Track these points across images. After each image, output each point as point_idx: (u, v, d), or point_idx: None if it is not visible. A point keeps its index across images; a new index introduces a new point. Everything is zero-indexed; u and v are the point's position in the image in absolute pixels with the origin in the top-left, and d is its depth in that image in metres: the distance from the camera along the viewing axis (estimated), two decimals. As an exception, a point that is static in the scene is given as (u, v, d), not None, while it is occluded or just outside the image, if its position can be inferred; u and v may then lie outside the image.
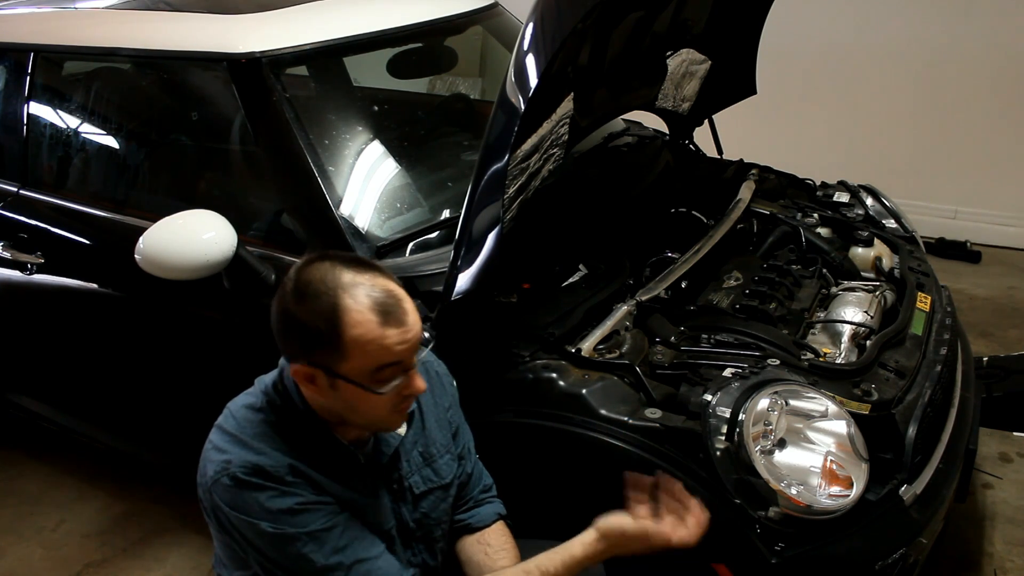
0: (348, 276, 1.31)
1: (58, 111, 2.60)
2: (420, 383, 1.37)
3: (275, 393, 1.43)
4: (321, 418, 1.42)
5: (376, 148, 2.26)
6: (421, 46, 2.74)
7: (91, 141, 2.57)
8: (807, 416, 1.64)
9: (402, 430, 1.52)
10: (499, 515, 1.65)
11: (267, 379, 1.47)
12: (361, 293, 1.30)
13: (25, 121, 2.55)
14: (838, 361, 1.94)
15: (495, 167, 1.61)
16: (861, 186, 2.80)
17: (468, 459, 1.65)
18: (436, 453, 1.57)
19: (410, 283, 1.84)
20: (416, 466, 1.55)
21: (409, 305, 1.33)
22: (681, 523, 1.37)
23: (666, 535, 1.35)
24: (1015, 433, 2.86)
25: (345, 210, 2.02)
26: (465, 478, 1.64)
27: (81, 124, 2.58)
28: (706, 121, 2.94)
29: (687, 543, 1.35)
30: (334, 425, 1.43)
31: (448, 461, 1.59)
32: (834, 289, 2.26)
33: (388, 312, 1.30)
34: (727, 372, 1.76)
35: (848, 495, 1.57)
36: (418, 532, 1.57)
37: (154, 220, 1.94)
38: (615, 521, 1.38)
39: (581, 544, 1.40)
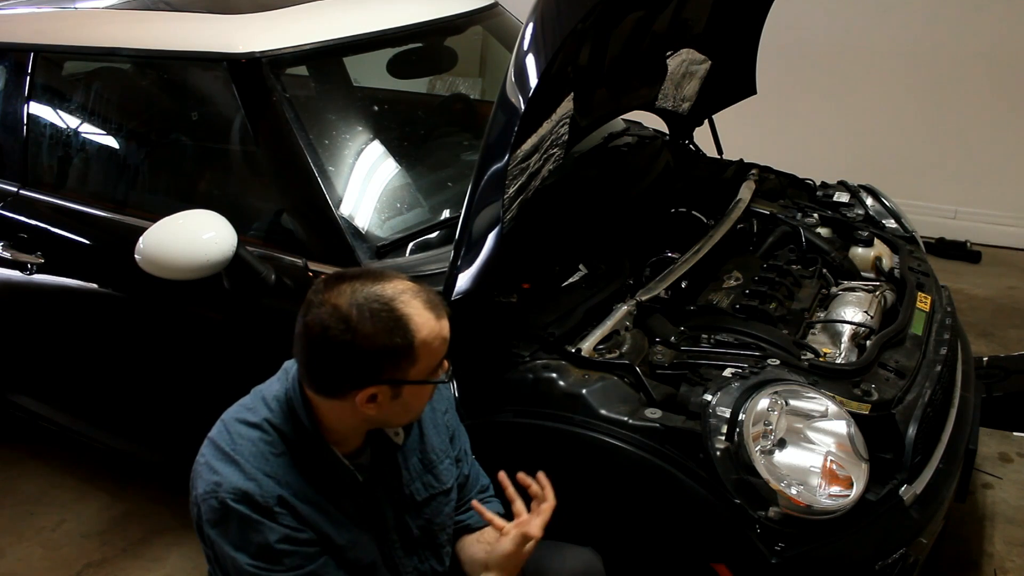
0: (387, 288, 1.33)
1: (58, 111, 2.60)
2: (447, 363, 1.43)
3: (278, 410, 1.41)
4: (324, 438, 1.41)
5: (376, 148, 2.26)
6: (421, 46, 2.74)
7: (91, 141, 2.57)
8: (807, 416, 1.64)
9: (399, 438, 1.52)
10: (497, 514, 1.65)
11: (266, 393, 1.44)
12: (410, 297, 1.33)
13: (25, 121, 2.55)
14: (838, 361, 1.94)
15: (495, 167, 1.61)
16: (861, 186, 2.80)
17: (465, 461, 1.66)
18: (435, 459, 1.57)
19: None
20: (416, 473, 1.55)
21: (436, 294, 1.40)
22: (535, 513, 1.44)
23: (526, 532, 1.42)
24: (1015, 433, 2.85)
25: (345, 210, 2.02)
26: (462, 479, 1.64)
27: (81, 124, 2.57)
28: (706, 121, 2.94)
29: (539, 530, 1.43)
30: (335, 440, 1.42)
31: (448, 466, 1.59)
32: (834, 289, 2.26)
33: (436, 306, 1.36)
34: (727, 372, 1.76)
35: (848, 495, 1.57)
36: (423, 539, 1.57)
37: (154, 220, 1.94)
38: (495, 551, 1.46)
39: None
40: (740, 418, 1.61)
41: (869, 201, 2.72)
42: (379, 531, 1.51)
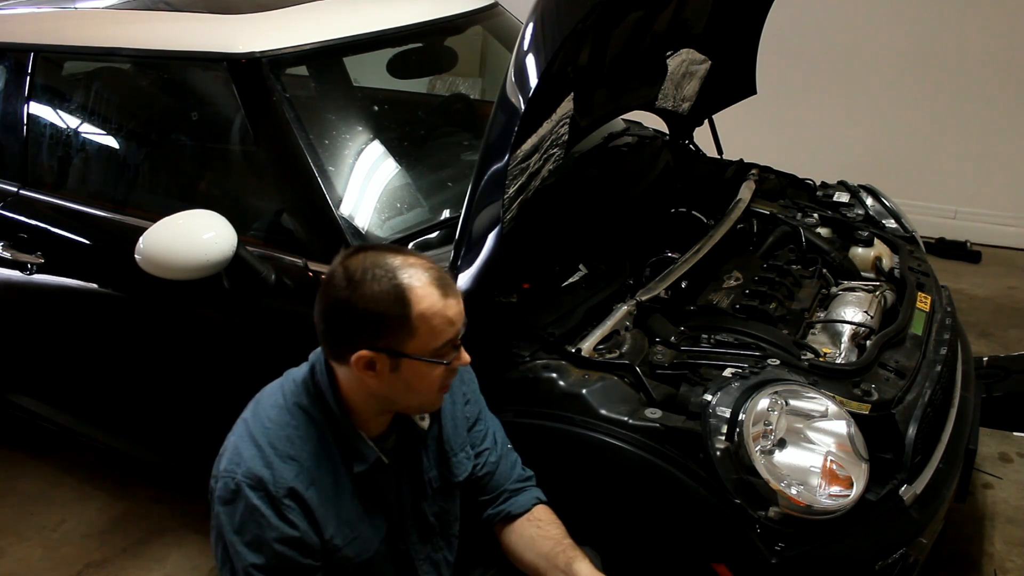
0: (397, 259, 1.35)
1: (58, 111, 2.60)
2: (466, 355, 1.42)
3: (304, 391, 1.45)
4: (349, 418, 1.43)
5: (376, 148, 2.26)
6: (421, 46, 2.74)
7: (91, 141, 2.57)
8: (807, 416, 1.64)
9: (425, 423, 1.54)
10: (539, 499, 1.65)
11: (296, 375, 1.48)
12: (418, 270, 1.34)
13: (25, 121, 2.55)
14: (838, 361, 1.94)
15: (495, 167, 1.61)
16: (861, 186, 2.80)
17: (493, 449, 1.65)
18: (449, 451, 1.59)
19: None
20: (435, 461, 1.57)
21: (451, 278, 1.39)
22: None
23: None
24: (1015, 433, 2.85)
25: (345, 210, 2.02)
26: (491, 467, 1.64)
27: (81, 124, 2.57)
28: (706, 121, 2.94)
29: None
30: (361, 422, 1.45)
31: (462, 459, 1.60)
32: (834, 289, 2.25)
33: (446, 285, 1.36)
34: (727, 372, 1.76)
35: (848, 495, 1.57)
36: (438, 527, 1.59)
37: (154, 220, 1.94)
38: None
39: None
40: (740, 418, 1.61)
41: (869, 201, 2.72)
42: (396, 517, 1.53)
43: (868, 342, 1.98)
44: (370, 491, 1.48)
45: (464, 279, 1.69)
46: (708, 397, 1.68)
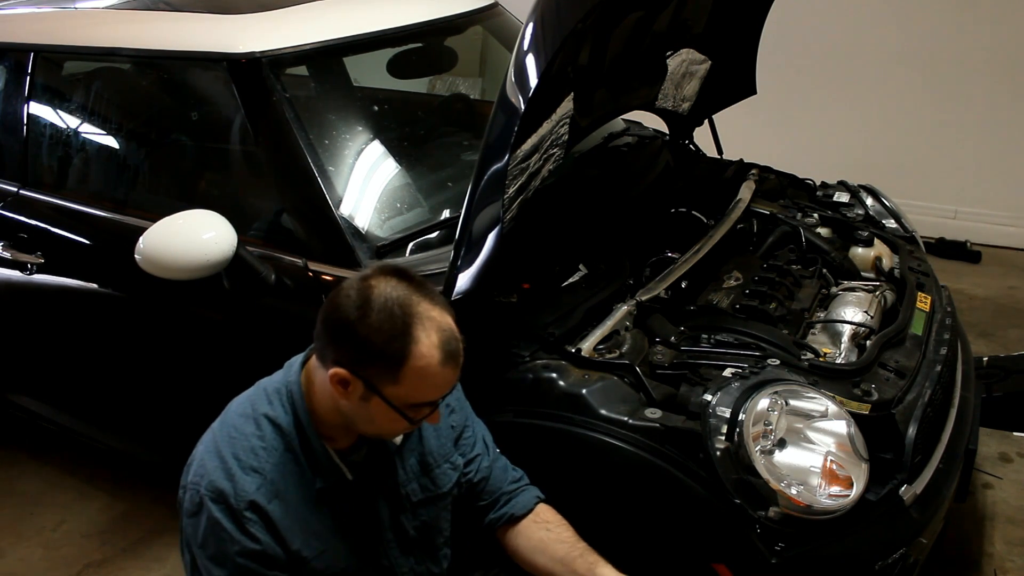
0: (423, 305, 1.30)
1: (58, 111, 2.60)
2: (439, 416, 1.40)
3: (277, 403, 1.42)
4: (317, 431, 1.41)
5: (376, 148, 2.26)
6: (421, 46, 2.74)
7: (91, 141, 2.57)
8: (807, 416, 1.64)
9: (398, 439, 1.52)
10: (538, 498, 1.64)
11: (268, 386, 1.46)
12: (433, 328, 1.30)
13: (25, 121, 2.55)
14: (838, 361, 1.94)
15: (495, 167, 1.61)
16: (861, 186, 2.80)
17: (485, 454, 1.64)
18: (433, 463, 1.57)
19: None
20: (413, 474, 1.54)
21: (462, 347, 1.34)
22: None
23: None
24: (1015, 433, 2.85)
25: (345, 210, 2.02)
26: (485, 472, 1.63)
27: (81, 124, 2.58)
28: (706, 121, 2.94)
29: None
30: (329, 432, 1.42)
31: (446, 470, 1.58)
32: (834, 289, 2.25)
33: (452, 354, 1.32)
34: (727, 372, 1.76)
35: (848, 495, 1.57)
36: (419, 540, 1.56)
37: (154, 220, 1.94)
38: None
39: None
40: (740, 418, 1.61)
41: (869, 201, 2.72)
42: (373, 531, 1.50)
43: (868, 342, 1.98)
44: (338, 506, 1.45)
45: (464, 279, 1.69)
46: (708, 397, 1.68)
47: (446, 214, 2.15)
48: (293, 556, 1.40)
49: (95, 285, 2.42)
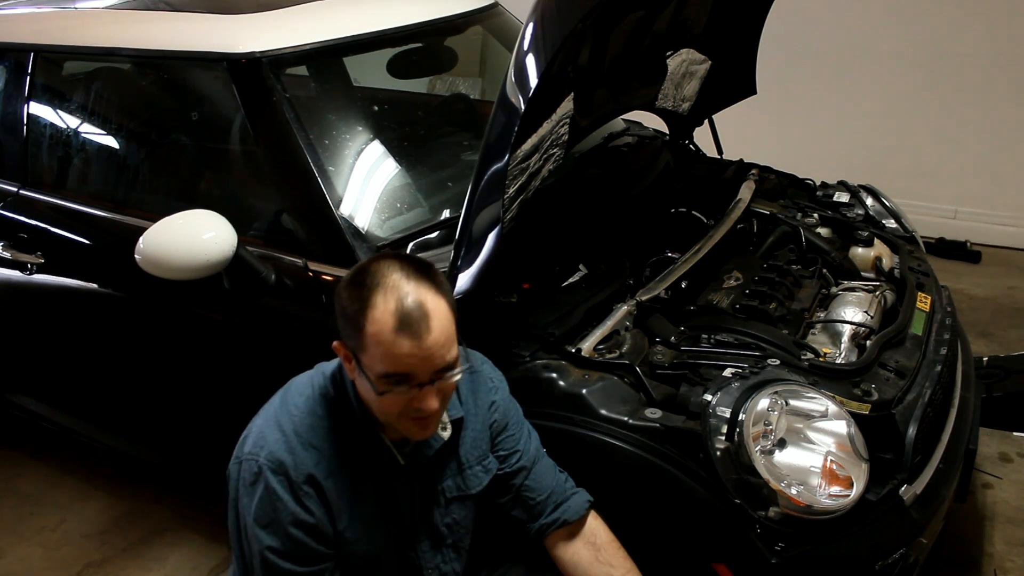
0: (396, 276, 1.33)
1: (58, 111, 2.60)
2: (430, 403, 1.36)
3: (331, 383, 1.47)
4: (370, 415, 1.44)
5: (376, 148, 2.26)
6: (421, 46, 2.74)
7: (91, 141, 2.57)
8: (807, 416, 1.64)
9: (445, 434, 1.54)
10: (589, 502, 1.65)
11: (326, 368, 1.51)
12: (393, 296, 1.31)
13: (25, 121, 2.55)
14: (838, 361, 1.94)
15: (495, 167, 1.61)
16: (861, 186, 2.80)
17: (525, 453, 1.63)
18: (466, 463, 1.59)
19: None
20: (451, 471, 1.57)
21: (437, 324, 1.32)
22: None
23: None
24: (1015, 433, 2.85)
25: (345, 210, 2.02)
26: (524, 474, 1.62)
27: (81, 124, 2.57)
28: (706, 121, 2.94)
29: None
30: (380, 426, 1.46)
31: (478, 472, 1.60)
32: (834, 289, 2.25)
33: (408, 323, 1.30)
34: (727, 372, 1.76)
35: (848, 495, 1.57)
36: (448, 538, 1.58)
37: (154, 220, 1.94)
38: None
39: None
40: (740, 418, 1.61)
41: (869, 201, 2.72)
42: (406, 523, 1.53)
43: (868, 342, 1.98)
44: (386, 493, 1.49)
45: (464, 279, 1.69)
46: (708, 397, 1.68)
47: (446, 214, 2.15)
48: (339, 535, 1.44)
49: (95, 285, 2.42)
